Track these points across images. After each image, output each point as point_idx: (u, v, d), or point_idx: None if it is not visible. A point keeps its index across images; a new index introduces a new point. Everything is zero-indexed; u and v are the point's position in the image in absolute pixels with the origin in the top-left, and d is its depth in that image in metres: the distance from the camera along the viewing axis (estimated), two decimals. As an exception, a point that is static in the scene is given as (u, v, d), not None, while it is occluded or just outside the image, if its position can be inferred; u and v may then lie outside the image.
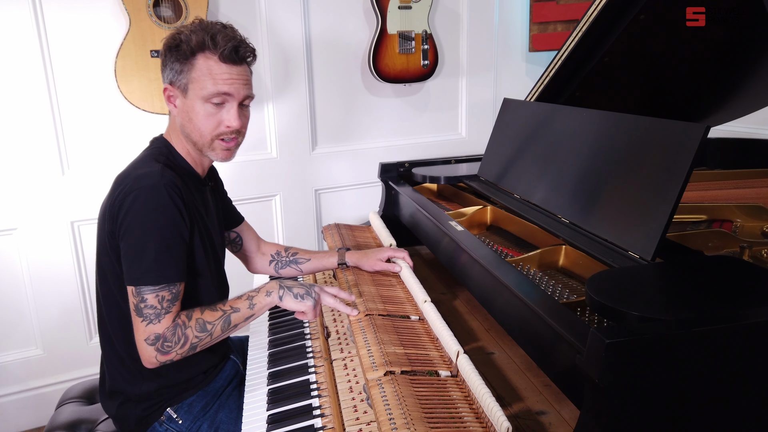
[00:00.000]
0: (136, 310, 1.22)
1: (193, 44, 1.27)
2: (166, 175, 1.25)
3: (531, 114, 1.72)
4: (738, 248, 1.32)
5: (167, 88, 1.33)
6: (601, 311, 0.92)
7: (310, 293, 1.35)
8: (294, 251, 1.70)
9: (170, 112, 1.37)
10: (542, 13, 3.07)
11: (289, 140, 2.79)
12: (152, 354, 1.22)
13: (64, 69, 2.34)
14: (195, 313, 1.27)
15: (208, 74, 1.28)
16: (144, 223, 1.21)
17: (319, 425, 1.11)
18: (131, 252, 1.22)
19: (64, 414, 1.58)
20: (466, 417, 0.99)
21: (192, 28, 1.30)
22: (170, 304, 1.23)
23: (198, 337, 1.25)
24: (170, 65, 1.30)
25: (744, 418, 0.85)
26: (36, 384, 2.50)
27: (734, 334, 0.81)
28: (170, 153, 1.36)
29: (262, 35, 2.62)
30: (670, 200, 1.06)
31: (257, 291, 1.34)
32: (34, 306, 2.44)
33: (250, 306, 1.32)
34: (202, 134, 1.31)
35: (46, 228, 2.40)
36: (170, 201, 1.23)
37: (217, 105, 1.29)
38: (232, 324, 1.30)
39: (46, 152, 2.35)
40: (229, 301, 1.32)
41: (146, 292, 1.21)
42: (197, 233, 1.33)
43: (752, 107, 1.96)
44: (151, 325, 1.22)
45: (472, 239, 1.42)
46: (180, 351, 1.24)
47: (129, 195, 1.22)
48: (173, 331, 1.23)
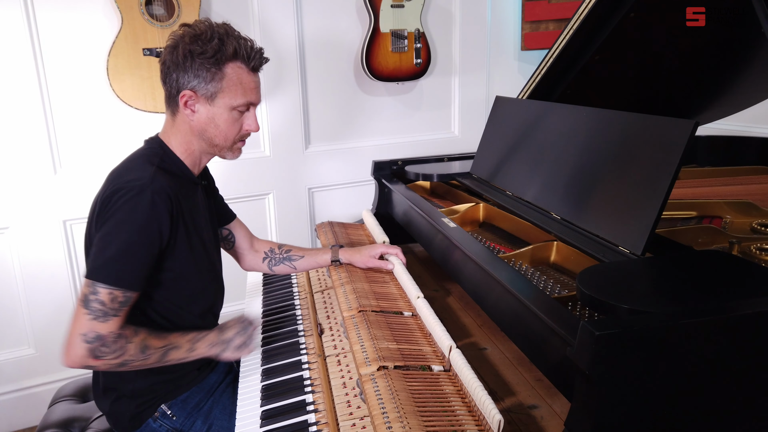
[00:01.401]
0: (83, 301, 1.18)
1: (228, 53, 1.27)
2: (157, 180, 1.24)
3: (523, 111, 1.73)
4: (727, 244, 1.33)
5: (188, 93, 1.29)
6: (592, 305, 0.93)
7: (248, 342, 1.35)
8: (287, 248, 1.70)
9: (174, 115, 1.35)
10: (534, 11, 3.09)
11: (283, 139, 2.79)
12: (82, 352, 1.17)
13: (56, 68, 2.33)
14: (141, 332, 1.24)
15: (239, 84, 1.30)
16: (118, 222, 1.20)
17: (313, 420, 1.12)
18: (97, 245, 1.21)
19: (57, 412, 1.58)
20: (459, 411, 1.00)
21: (217, 34, 1.28)
22: (120, 306, 1.20)
23: (134, 357, 1.22)
24: (194, 71, 1.28)
25: (732, 409, 0.86)
26: (29, 383, 2.49)
27: (723, 326, 0.82)
28: (165, 154, 1.35)
29: (255, 34, 2.62)
30: (659, 195, 1.07)
31: (202, 338, 1.32)
32: (27, 305, 2.44)
33: (190, 350, 1.30)
34: (227, 138, 1.35)
35: (38, 227, 2.39)
36: (150, 209, 1.21)
37: (241, 112, 1.34)
38: (167, 358, 1.26)
39: (38, 151, 2.34)
40: (175, 335, 1.29)
41: (100, 286, 1.18)
42: (186, 236, 1.32)
43: (741, 105, 1.98)
44: (96, 322, 1.18)
45: (465, 236, 1.43)
46: (110, 362, 1.20)
47: (116, 194, 1.22)
48: (115, 339, 1.19)
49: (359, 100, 2.94)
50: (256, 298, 1.78)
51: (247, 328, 1.37)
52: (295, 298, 1.69)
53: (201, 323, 1.44)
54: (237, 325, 1.36)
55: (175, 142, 1.36)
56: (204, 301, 1.42)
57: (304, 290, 1.72)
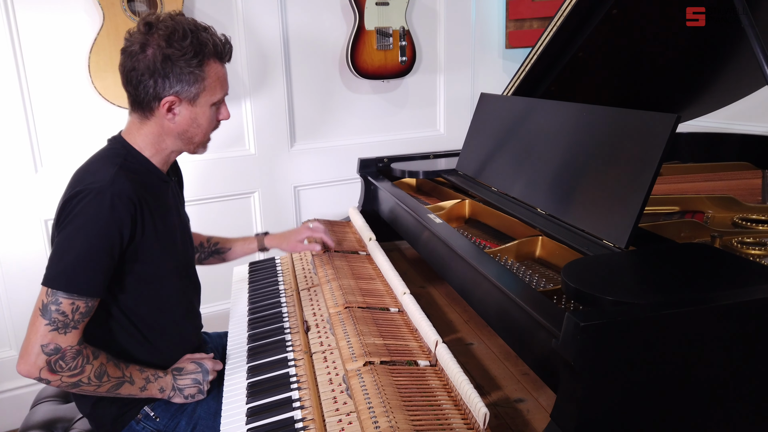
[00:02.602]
0: (42, 310, 1.15)
1: (209, 51, 1.24)
2: (117, 182, 1.20)
3: (507, 108, 1.74)
4: (709, 237, 1.35)
5: (170, 99, 1.24)
6: (576, 297, 0.94)
7: (201, 390, 1.36)
8: (215, 241, 1.70)
9: (145, 118, 1.29)
10: (518, 10, 3.11)
11: (267, 137, 2.77)
12: (40, 364, 1.14)
13: (37, 66, 2.29)
14: (101, 357, 1.22)
15: (217, 80, 1.28)
16: (77, 226, 1.17)
17: (299, 417, 1.11)
18: (55, 251, 1.18)
19: (39, 413, 1.55)
20: (445, 405, 1.00)
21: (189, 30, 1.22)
22: (81, 317, 1.17)
23: (90, 380, 1.19)
24: (177, 76, 1.22)
25: (717, 398, 0.87)
26: (10, 386, 2.45)
27: (704, 316, 0.83)
28: (129, 153, 1.29)
29: (239, 30, 2.61)
30: (642, 189, 1.08)
31: (156, 378, 1.31)
32: (7, 306, 2.40)
33: (142, 388, 1.28)
34: (206, 134, 1.34)
35: (18, 226, 2.35)
36: (110, 212, 1.17)
37: (218, 106, 1.33)
38: (119, 390, 1.25)
39: (18, 150, 2.31)
40: (133, 367, 1.28)
41: (62, 296, 1.15)
42: (155, 237, 1.28)
43: (722, 102, 2.01)
44: (56, 333, 1.15)
45: (451, 232, 1.43)
46: (64, 379, 1.17)
47: (76, 197, 1.18)
48: (75, 356, 1.17)
49: (344, 98, 2.94)
50: (242, 296, 1.76)
51: (205, 376, 1.36)
52: (281, 295, 1.68)
53: (186, 326, 1.43)
54: (194, 373, 1.36)
55: (143, 143, 1.31)
56: (185, 300, 1.41)
57: (290, 288, 1.71)
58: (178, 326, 1.40)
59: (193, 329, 1.49)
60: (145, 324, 1.32)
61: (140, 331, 1.32)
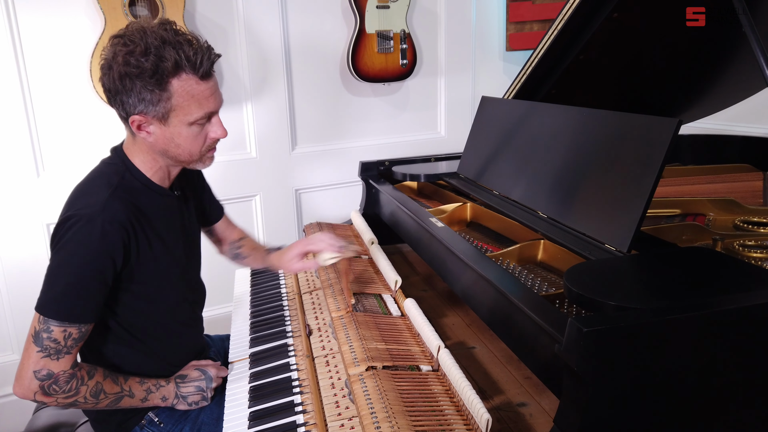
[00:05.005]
0: (35, 336, 1.14)
1: (169, 68, 1.13)
2: (109, 208, 1.17)
3: (508, 111, 1.74)
4: (711, 241, 1.35)
5: (137, 119, 1.18)
6: (579, 302, 0.94)
7: (204, 397, 1.36)
8: (239, 245, 1.68)
9: (132, 134, 1.25)
10: (519, 12, 3.11)
11: (269, 140, 2.78)
12: (33, 388, 1.14)
13: (39, 70, 2.30)
14: (97, 375, 1.21)
15: (191, 99, 1.17)
16: (68, 254, 1.15)
17: (301, 421, 1.11)
18: (47, 277, 1.17)
19: (43, 418, 1.56)
20: (447, 410, 1.00)
21: (152, 46, 1.12)
22: (74, 343, 1.16)
23: (86, 399, 1.19)
24: (137, 95, 1.15)
25: (720, 402, 0.87)
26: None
27: (707, 321, 0.83)
28: (127, 170, 1.27)
29: (240, 34, 2.61)
30: (644, 193, 1.08)
31: (158, 388, 1.31)
32: (10, 310, 2.40)
33: (144, 399, 1.28)
34: (192, 154, 1.25)
35: (20, 230, 2.36)
36: (101, 239, 1.15)
37: (201, 125, 1.23)
38: (120, 404, 1.25)
39: (20, 154, 2.31)
40: (133, 380, 1.27)
41: (53, 324, 1.14)
42: (152, 258, 1.26)
43: (724, 104, 2.01)
44: (48, 359, 1.14)
45: (453, 235, 1.43)
46: (60, 400, 1.18)
47: (67, 222, 1.16)
48: (68, 380, 1.16)
49: (345, 101, 2.94)
50: (244, 300, 1.76)
51: (208, 383, 1.36)
52: (284, 299, 1.68)
53: (187, 334, 1.43)
54: (198, 380, 1.35)
55: (139, 160, 1.28)
56: (186, 310, 1.41)
57: (293, 291, 1.71)
58: (179, 335, 1.40)
59: (195, 336, 1.49)
60: (146, 335, 1.32)
61: (141, 341, 1.32)
